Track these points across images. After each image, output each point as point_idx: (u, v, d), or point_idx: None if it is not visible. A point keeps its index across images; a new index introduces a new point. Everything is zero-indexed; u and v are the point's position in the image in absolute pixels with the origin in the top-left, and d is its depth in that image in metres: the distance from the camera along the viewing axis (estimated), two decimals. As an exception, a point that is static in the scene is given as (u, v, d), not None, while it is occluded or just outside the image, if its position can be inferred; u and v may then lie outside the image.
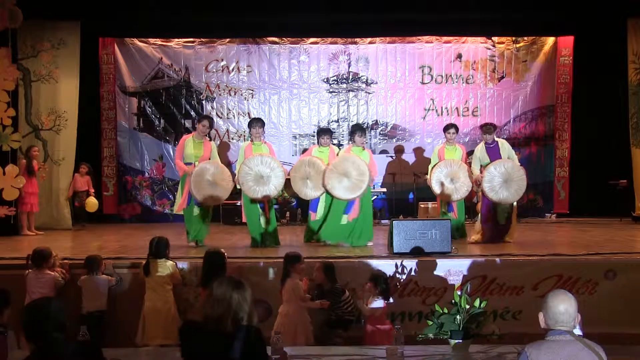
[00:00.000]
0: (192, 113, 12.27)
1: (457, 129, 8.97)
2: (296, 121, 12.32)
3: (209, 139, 8.57)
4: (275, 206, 11.72)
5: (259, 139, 7.99)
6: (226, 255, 5.36)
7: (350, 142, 8.61)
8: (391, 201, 11.77)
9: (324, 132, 8.47)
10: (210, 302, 2.97)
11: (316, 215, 8.11)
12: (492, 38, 12.35)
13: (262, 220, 7.83)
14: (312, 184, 7.87)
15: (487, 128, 8.24)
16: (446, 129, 8.84)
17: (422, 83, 12.39)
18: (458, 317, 3.73)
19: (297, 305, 5.25)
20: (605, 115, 11.74)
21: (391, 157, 12.20)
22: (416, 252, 6.65)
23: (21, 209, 9.56)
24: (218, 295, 2.96)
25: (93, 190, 10.72)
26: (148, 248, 5.70)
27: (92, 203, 10.54)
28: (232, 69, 12.27)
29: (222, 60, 12.26)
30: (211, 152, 7.98)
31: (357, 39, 12.28)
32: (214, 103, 12.31)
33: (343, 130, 12.41)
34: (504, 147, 8.09)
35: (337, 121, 12.41)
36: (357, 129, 8.29)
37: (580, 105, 12.10)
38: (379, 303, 5.14)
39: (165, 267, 5.63)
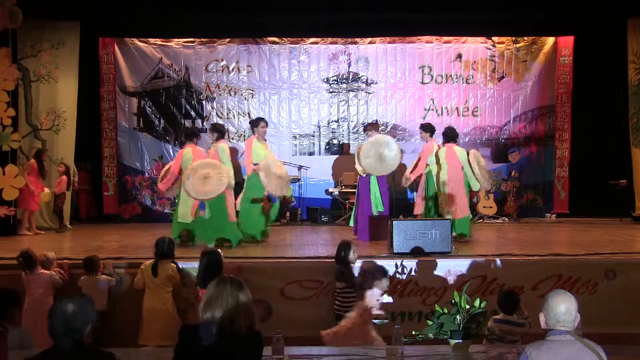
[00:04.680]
0: (192, 113, 12.28)
1: None
2: (296, 121, 12.31)
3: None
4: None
5: (263, 137, 8.31)
6: (222, 254, 5.35)
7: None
8: (391, 201, 11.75)
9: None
10: (216, 304, 2.92)
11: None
12: (492, 38, 12.35)
13: (263, 218, 8.12)
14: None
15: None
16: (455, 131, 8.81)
17: (422, 83, 12.39)
18: (458, 317, 3.73)
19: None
20: (605, 115, 11.74)
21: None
22: (416, 252, 6.65)
23: (28, 208, 9.57)
24: (226, 297, 2.92)
25: (59, 190, 10.18)
26: (155, 248, 5.68)
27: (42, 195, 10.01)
28: (232, 69, 12.26)
29: (222, 60, 12.26)
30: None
31: (357, 39, 12.28)
32: (214, 103, 12.31)
33: (343, 130, 12.42)
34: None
35: (337, 121, 12.41)
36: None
37: (580, 105, 12.10)
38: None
39: (167, 268, 5.62)
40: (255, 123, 8.36)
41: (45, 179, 9.96)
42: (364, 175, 8.41)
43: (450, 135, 8.51)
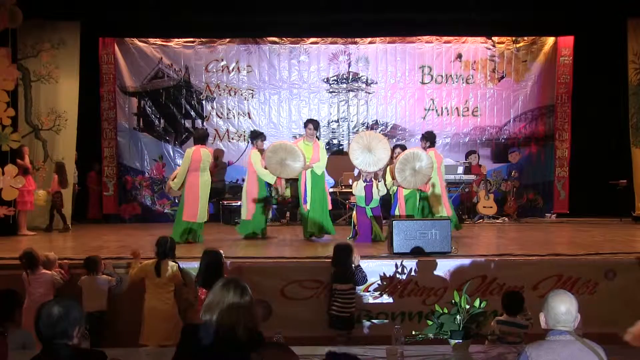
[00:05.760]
0: (192, 113, 12.29)
1: None
2: (296, 121, 12.30)
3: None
4: (274, 205, 11.80)
5: (310, 138, 8.46)
6: (224, 254, 5.36)
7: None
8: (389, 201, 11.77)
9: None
10: (220, 308, 2.92)
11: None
12: (492, 38, 12.36)
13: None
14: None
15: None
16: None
17: (422, 83, 12.39)
18: (458, 317, 3.73)
19: None
20: (605, 115, 11.74)
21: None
22: (416, 252, 6.65)
23: (23, 208, 9.56)
24: (229, 301, 2.92)
25: (52, 189, 10.10)
26: (156, 248, 5.68)
27: (38, 196, 9.98)
28: (232, 69, 12.27)
29: (222, 60, 12.26)
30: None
31: (357, 39, 12.28)
32: (214, 103, 12.31)
33: (343, 130, 12.42)
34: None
35: (337, 121, 12.41)
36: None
37: (580, 105, 12.10)
38: None
39: (169, 268, 5.62)
40: (305, 124, 8.69)
41: (28, 175, 9.82)
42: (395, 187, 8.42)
43: (434, 140, 8.91)
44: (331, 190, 11.79)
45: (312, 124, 8.54)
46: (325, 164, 8.51)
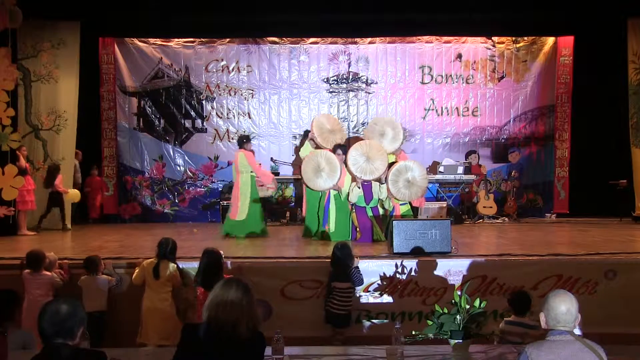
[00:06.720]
0: (192, 113, 12.28)
1: None
2: (296, 121, 12.30)
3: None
4: (275, 205, 11.79)
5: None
6: (223, 254, 5.37)
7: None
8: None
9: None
10: (221, 306, 2.92)
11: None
12: (492, 38, 12.35)
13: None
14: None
15: None
16: None
17: (422, 83, 12.38)
18: (458, 317, 3.73)
19: None
20: (605, 115, 11.73)
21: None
22: (416, 252, 6.65)
23: (22, 207, 9.56)
24: (230, 299, 2.92)
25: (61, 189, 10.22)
26: (157, 249, 5.68)
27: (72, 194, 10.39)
28: (232, 69, 12.26)
29: (222, 60, 12.25)
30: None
31: (357, 39, 12.27)
32: (214, 103, 12.31)
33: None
34: None
35: (337, 121, 12.39)
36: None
37: (580, 105, 12.10)
38: None
39: (168, 268, 5.63)
40: (333, 150, 8.60)
41: (26, 175, 9.81)
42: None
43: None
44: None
45: (341, 149, 8.50)
46: (347, 190, 8.37)
